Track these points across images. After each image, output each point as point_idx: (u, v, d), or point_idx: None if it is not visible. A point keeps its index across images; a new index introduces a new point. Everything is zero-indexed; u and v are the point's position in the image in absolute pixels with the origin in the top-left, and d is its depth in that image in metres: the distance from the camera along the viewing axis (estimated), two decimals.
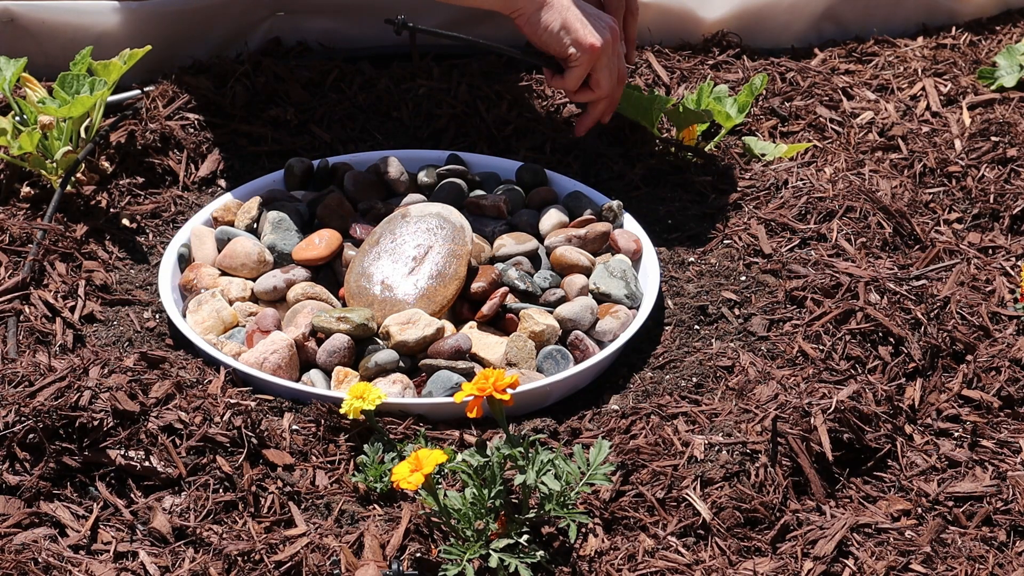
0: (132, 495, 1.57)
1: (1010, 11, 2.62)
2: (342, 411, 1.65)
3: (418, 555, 1.51)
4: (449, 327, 1.82)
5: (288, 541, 1.51)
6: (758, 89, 2.18)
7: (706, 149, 2.20)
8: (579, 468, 1.53)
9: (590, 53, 1.95)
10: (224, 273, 1.92)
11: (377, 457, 1.63)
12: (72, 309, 1.86)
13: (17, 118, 2.05)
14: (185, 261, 1.93)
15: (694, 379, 1.79)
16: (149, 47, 2.04)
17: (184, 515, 1.54)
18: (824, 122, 2.30)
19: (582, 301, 1.86)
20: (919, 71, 2.43)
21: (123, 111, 2.20)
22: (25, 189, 2.03)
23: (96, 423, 1.57)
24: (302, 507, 1.59)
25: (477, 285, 1.85)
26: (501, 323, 1.85)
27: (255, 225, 1.98)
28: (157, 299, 1.90)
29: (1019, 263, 1.98)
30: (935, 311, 1.84)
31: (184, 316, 1.84)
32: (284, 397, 1.73)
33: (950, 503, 1.62)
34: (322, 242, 1.91)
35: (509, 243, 1.93)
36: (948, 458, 1.68)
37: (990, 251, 2.03)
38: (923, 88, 2.39)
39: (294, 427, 1.68)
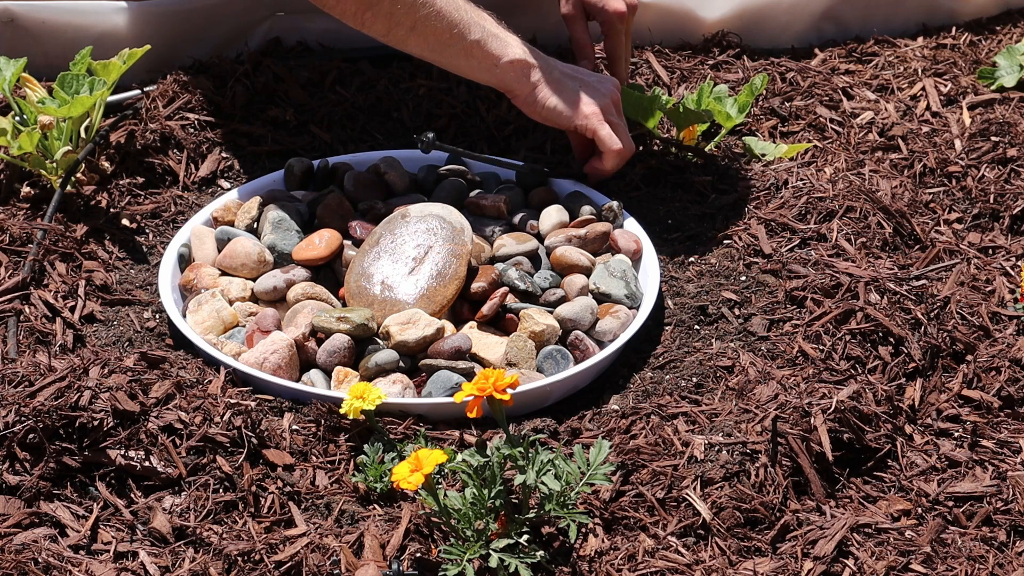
0: (132, 495, 1.57)
1: (1010, 11, 2.62)
2: (342, 411, 1.65)
3: (418, 555, 1.51)
4: (449, 327, 1.82)
5: (288, 541, 1.51)
6: (758, 89, 2.18)
7: (706, 149, 2.20)
8: (579, 468, 1.53)
9: (597, 120, 1.96)
10: (224, 273, 1.92)
11: (377, 457, 1.63)
12: (72, 309, 1.86)
13: (17, 118, 2.06)
14: (185, 261, 1.93)
15: (694, 379, 1.79)
16: (148, 47, 2.04)
17: (184, 515, 1.54)
18: (824, 122, 2.30)
19: (582, 301, 1.86)
20: (919, 71, 2.43)
21: (123, 111, 2.20)
22: (25, 189, 2.03)
23: (96, 423, 1.57)
24: (302, 507, 1.59)
25: (477, 285, 1.85)
26: (501, 323, 1.85)
27: (255, 225, 1.98)
28: (157, 299, 1.90)
29: (1019, 263, 1.98)
30: (935, 311, 1.84)
31: (184, 316, 1.84)
32: (284, 397, 1.73)
33: (950, 503, 1.62)
34: (322, 242, 1.91)
35: (509, 243, 1.93)
36: (948, 458, 1.68)
37: (990, 251, 2.03)
38: (923, 88, 2.39)
39: (294, 427, 1.68)
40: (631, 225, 2.00)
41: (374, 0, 1.87)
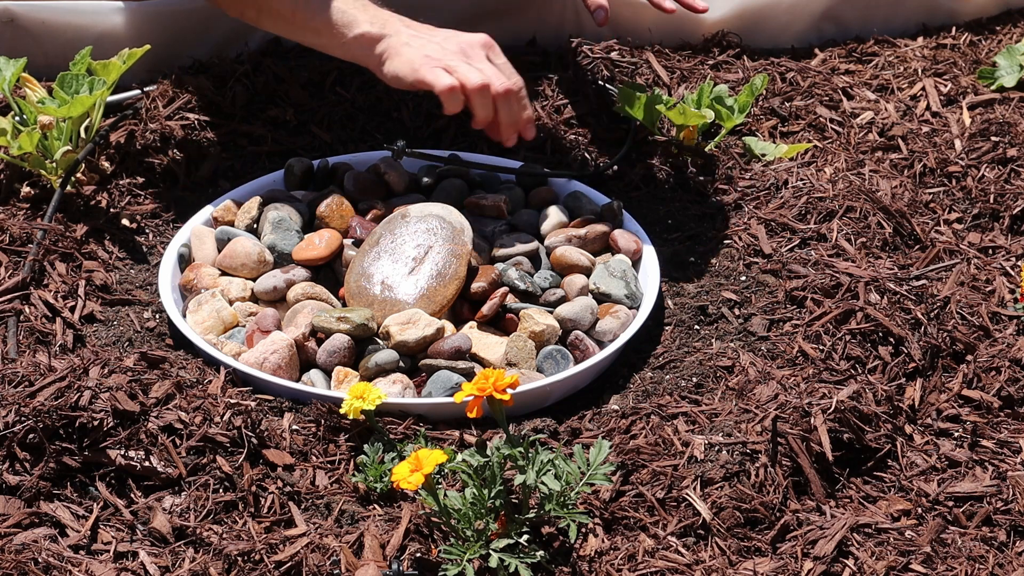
0: (132, 495, 1.57)
1: (1010, 11, 2.62)
2: (342, 411, 1.65)
3: (418, 555, 1.51)
4: (449, 327, 1.82)
5: (288, 541, 1.51)
6: (759, 89, 2.18)
7: (706, 149, 2.20)
8: (579, 468, 1.53)
9: (427, 69, 1.87)
10: (224, 273, 1.92)
11: (377, 457, 1.63)
12: (72, 309, 1.86)
13: (17, 118, 2.05)
14: (185, 261, 1.93)
15: (694, 379, 1.79)
16: (148, 46, 2.04)
17: (184, 515, 1.54)
18: (824, 122, 2.30)
19: (582, 301, 1.86)
20: (919, 71, 2.43)
21: (123, 111, 2.20)
22: (25, 189, 2.03)
23: (96, 423, 1.57)
24: (302, 507, 1.59)
25: (477, 285, 1.85)
26: (501, 323, 1.85)
27: (255, 225, 1.98)
28: (157, 299, 1.90)
29: (1019, 263, 1.98)
30: (935, 311, 1.84)
31: (184, 316, 1.84)
32: (284, 397, 1.73)
33: (950, 503, 1.62)
34: (322, 242, 1.91)
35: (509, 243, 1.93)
36: (948, 458, 1.68)
37: (990, 251, 2.03)
38: (923, 88, 2.39)
39: (294, 427, 1.68)
40: (631, 225, 2.00)
41: None
